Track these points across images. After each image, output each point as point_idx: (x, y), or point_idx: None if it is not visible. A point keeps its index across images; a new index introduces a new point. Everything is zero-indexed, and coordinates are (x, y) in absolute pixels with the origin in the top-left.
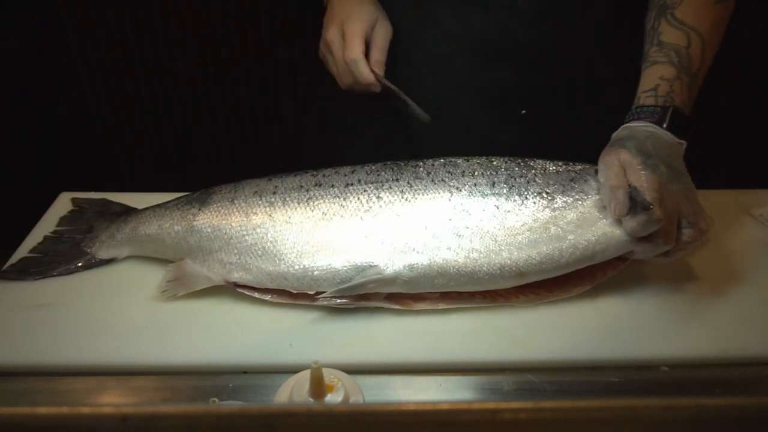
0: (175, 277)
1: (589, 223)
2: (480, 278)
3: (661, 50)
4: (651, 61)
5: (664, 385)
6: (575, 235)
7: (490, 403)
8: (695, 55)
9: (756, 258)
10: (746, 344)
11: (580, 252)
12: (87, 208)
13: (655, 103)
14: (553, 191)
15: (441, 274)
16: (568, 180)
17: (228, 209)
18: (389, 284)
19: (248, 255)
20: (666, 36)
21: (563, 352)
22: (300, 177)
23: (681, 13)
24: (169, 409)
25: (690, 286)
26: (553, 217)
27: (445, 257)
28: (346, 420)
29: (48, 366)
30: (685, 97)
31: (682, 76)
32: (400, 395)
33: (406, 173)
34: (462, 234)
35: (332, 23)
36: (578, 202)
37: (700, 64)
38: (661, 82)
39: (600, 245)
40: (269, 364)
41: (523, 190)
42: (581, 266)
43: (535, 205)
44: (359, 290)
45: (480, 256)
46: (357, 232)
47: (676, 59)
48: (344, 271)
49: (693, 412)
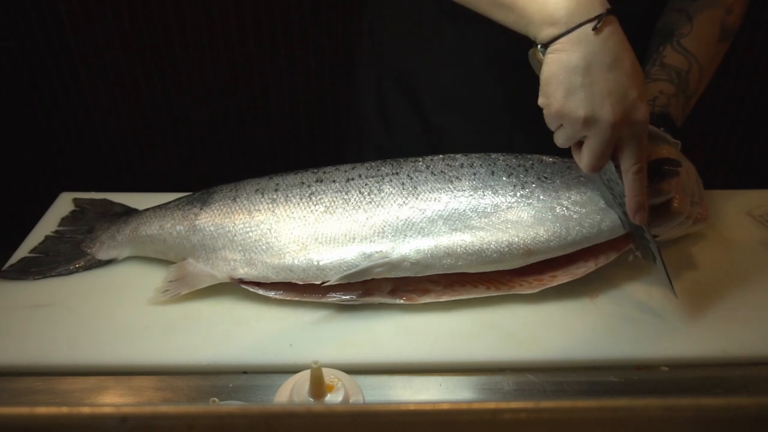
0: (177, 277)
1: (594, 202)
2: (488, 256)
3: (662, 70)
4: (652, 78)
5: (664, 385)
6: (580, 214)
7: (490, 403)
8: (693, 79)
9: (756, 258)
10: (746, 344)
11: (586, 230)
12: (88, 208)
13: (653, 111)
14: (551, 176)
15: (448, 254)
16: (565, 168)
17: (230, 207)
18: (396, 267)
19: (252, 251)
20: (669, 59)
21: (563, 352)
22: (301, 174)
23: (687, 42)
24: (169, 409)
25: (690, 286)
26: (556, 197)
27: (451, 237)
28: (346, 420)
29: (48, 366)
30: (680, 114)
31: (679, 95)
32: (400, 395)
33: (406, 167)
34: (468, 216)
35: None
36: (581, 185)
37: (695, 90)
38: (660, 95)
39: (605, 223)
40: (269, 364)
41: (522, 176)
42: (588, 244)
43: (537, 187)
44: (366, 275)
45: (487, 234)
46: (361, 221)
47: (676, 80)
48: (350, 259)
49: (693, 412)
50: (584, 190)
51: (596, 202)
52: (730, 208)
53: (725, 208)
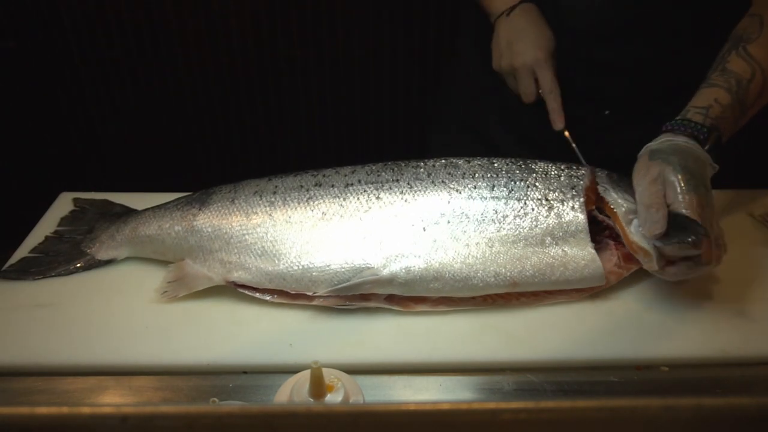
0: (176, 278)
1: (581, 246)
2: (475, 284)
3: (722, 76)
4: (710, 83)
5: (664, 385)
6: (566, 257)
7: (490, 403)
8: (754, 89)
9: (756, 258)
10: (746, 344)
11: (569, 272)
12: (88, 208)
13: (704, 122)
14: (552, 199)
15: (436, 278)
16: (569, 188)
17: (228, 209)
18: (385, 286)
19: (248, 254)
20: (732, 65)
21: (563, 352)
22: (300, 177)
23: (753, 48)
24: (169, 409)
25: (690, 286)
26: (549, 228)
27: (441, 261)
28: (346, 420)
29: (48, 366)
30: (731, 127)
31: (735, 105)
32: (400, 395)
33: (407, 174)
34: (459, 238)
35: None
36: (572, 224)
37: (755, 100)
38: (714, 104)
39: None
40: (269, 364)
41: (522, 195)
42: (568, 287)
43: (534, 212)
44: (355, 291)
45: (476, 262)
46: (356, 232)
47: (735, 88)
48: (342, 272)
49: (693, 412)
50: (575, 232)
51: (583, 246)
52: (730, 208)
53: (725, 208)
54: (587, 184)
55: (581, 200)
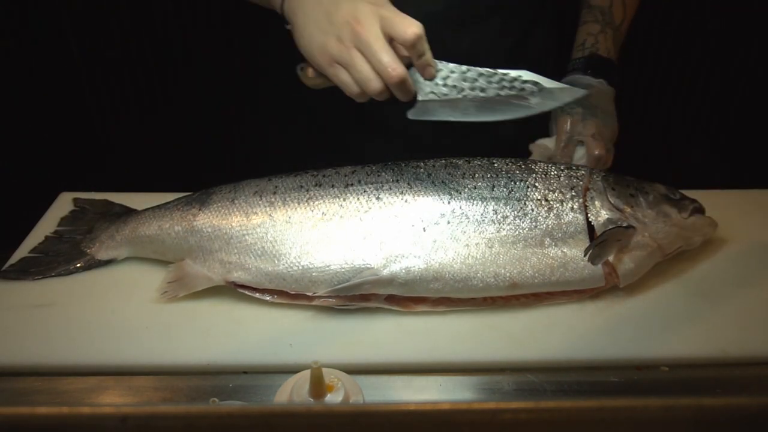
0: (176, 278)
1: (581, 248)
2: (474, 285)
3: (590, 12)
4: (582, 21)
5: (664, 385)
6: (566, 258)
7: (490, 403)
8: (617, 11)
9: (756, 258)
10: (746, 344)
11: (569, 273)
12: (88, 208)
13: (583, 54)
14: (552, 199)
15: (436, 278)
16: (568, 188)
17: (228, 209)
18: (385, 286)
19: (248, 255)
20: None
21: (563, 352)
22: (300, 177)
23: None
24: (169, 409)
25: (690, 286)
26: (548, 229)
27: (441, 262)
28: (346, 420)
29: (48, 366)
30: (611, 46)
31: (606, 30)
32: (400, 395)
33: (407, 174)
34: (459, 239)
35: None
36: (576, 215)
37: (622, 18)
38: (588, 37)
39: (587, 271)
40: (269, 364)
41: (522, 195)
42: (568, 288)
43: (534, 213)
44: (354, 291)
45: (476, 262)
46: (356, 233)
47: (601, 17)
48: (342, 273)
49: (693, 412)
50: (574, 233)
51: (582, 247)
52: (730, 208)
53: (725, 208)
54: (586, 184)
55: (580, 201)
